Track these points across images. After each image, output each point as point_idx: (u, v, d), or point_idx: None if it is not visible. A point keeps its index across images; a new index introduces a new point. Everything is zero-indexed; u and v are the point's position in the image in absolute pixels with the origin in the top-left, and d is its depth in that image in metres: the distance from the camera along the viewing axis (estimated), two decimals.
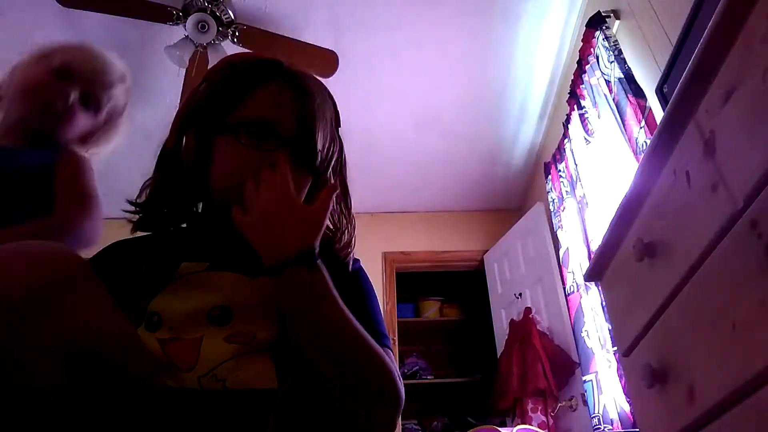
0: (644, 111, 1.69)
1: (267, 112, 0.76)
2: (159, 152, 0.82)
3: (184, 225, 0.85)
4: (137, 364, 0.59)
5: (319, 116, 0.78)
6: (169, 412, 0.59)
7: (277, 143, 0.75)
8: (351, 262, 0.82)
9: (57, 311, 0.49)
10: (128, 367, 0.57)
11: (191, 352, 0.65)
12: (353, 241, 0.84)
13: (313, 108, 0.78)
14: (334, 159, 0.83)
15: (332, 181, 0.84)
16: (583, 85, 2.20)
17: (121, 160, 3.14)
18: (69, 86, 1.20)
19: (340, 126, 0.88)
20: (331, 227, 0.83)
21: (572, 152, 2.43)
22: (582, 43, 2.16)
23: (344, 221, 0.85)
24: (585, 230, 2.29)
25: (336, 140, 0.85)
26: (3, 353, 0.46)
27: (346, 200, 0.87)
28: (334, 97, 0.88)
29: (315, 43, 2.33)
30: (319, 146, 0.78)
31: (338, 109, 0.88)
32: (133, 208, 0.80)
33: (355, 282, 0.82)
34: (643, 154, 0.83)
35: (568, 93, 2.41)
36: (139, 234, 0.83)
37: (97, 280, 0.56)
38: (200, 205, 0.85)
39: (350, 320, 0.65)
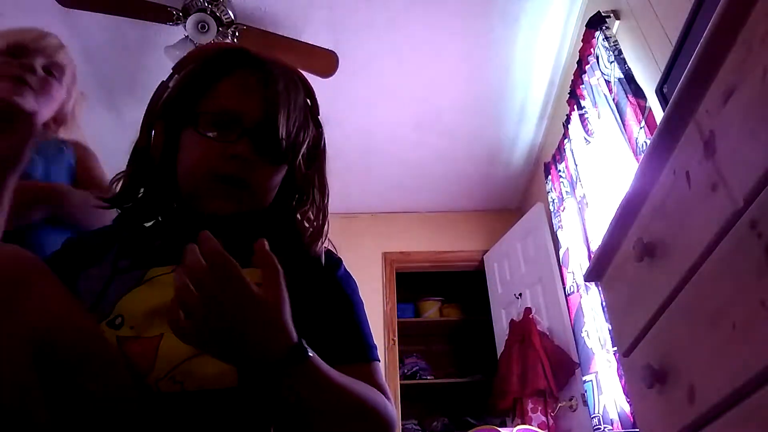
0: (644, 111, 1.69)
1: (230, 102, 0.74)
2: (131, 148, 0.81)
3: (158, 220, 0.82)
4: (99, 353, 0.58)
5: (283, 101, 0.75)
6: (128, 415, 0.58)
7: (239, 132, 0.73)
8: (322, 257, 0.79)
9: (16, 306, 0.50)
10: (90, 357, 0.56)
11: (149, 353, 0.63)
12: (324, 235, 0.80)
13: (276, 93, 0.74)
14: (304, 146, 0.79)
15: (303, 170, 0.80)
16: (583, 86, 2.20)
17: (122, 159, 3.15)
18: (30, 58, 1.13)
19: (318, 114, 0.84)
20: (312, 235, 0.79)
21: (572, 152, 2.43)
22: (582, 44, 2.16)
23: (316, 214, 0.81)
24: (585, 230, 2.29)
25: (309, 127, 0.80)
26: None
27: (323, 192, 0.83)
28: (333, 95, 0.87)
29: (315, 43, 2.33)
30: (283, 132, 0.74)
31: (316, 96, 0.84)
32: (105, 204, 0.80)
33: (340, 291, 0.78)
34: (643, 155, 0.83)
35: (568, 93, 2.41)
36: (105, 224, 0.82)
37: (53, 277, 0.56)
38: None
39: (350, 392, 0.62)
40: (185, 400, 0.61)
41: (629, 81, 1.78)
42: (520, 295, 3.02)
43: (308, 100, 0.82)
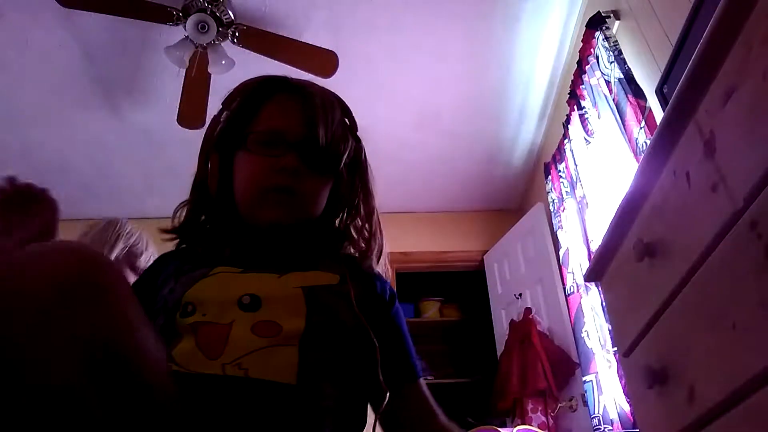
0: (644, 111, 1.69)
1: (274, 122, 0.83)
2: (192, 182, 0.88)
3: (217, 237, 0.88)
4: (158, 366, 0.58)
5: (320, 115, 0.82)
6: (190, 397, 0.60)
7: (284, 147, 0.80)
8: (382, 281, 0.87)
9: (83, 310, 0.48)
10: (149, 368, 0.56)
11: (221, 339, 0.67)
12: (378, 249, 0.89)
13: (314, 108, 0.82)
14: (345, 156, 0.86)
15: (347, 182, 0.88)
16: (583, 86, 2.20)
17: (122, 159, 3.15)
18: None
19: (356, 129, 0.92)
20: (362, 243, 0.88)
21: (572, 152, 2.43)
22: (582, 44, 2.16)
23: (362, 225, 0.89)
24: (585, 230, 2.29)
25: (348, 140, 0.88)
26: (27, 351, 0.45)
27: (367, 203, 0.91)
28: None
29: (315, 43, 2.33)
30: (323, 142, 0.81)
31: (353, 114, 0.92)
32: (170, 235, 0.86)
33: (397, 320, 0.85)
34: (643, 155, 0.83)
35: (568, 93, 2.41)
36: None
37: (123, 280, 0.56)
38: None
39: None
40: (247, 386, 0.64)
41: (629, 81, 1.78)
42: (520, 295, 3.02)
43: (345, 119, 0.91)
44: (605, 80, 1.96)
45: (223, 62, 2.30)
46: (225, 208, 0.85)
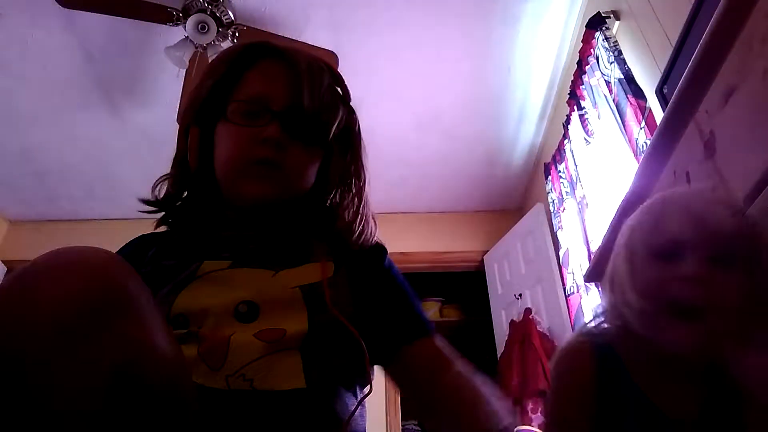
0: (644, 112, 1.68)
1: (256, 90, 0.77)
2: (173, 157, 0.83)
3: (202, 220, 0.84)
4: (183, 386, 0.55)
5: (306, 81, 0.76)
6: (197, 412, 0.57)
7: (268, 117, 0.75)
8: (375, 250, 0.83)
9: (109, 329, 0.44)
10: (174, 388, 0.52)
11: (220, 351, 0.63)
12: (362, 222, 0.82)
13: (299, 73, 0.77)
14: (334, 126, 0.80)
15: (339, 156, 0.83)
16: (583, 86, 2.20)
17: (122, 160, 3.15)
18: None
19: (349, 99, 0.87)
20: (352, 220, 0.81)
21: (572, 153, 2.43)
22: (582, 44, 2.16)
23: (355, 203, 0.82)
24: (585, 231, 2.29)
25: (338, 109, 0.82)
26: (43, 376, 0.40)
27: (359, 179, 0.84)
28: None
29: (315, 44, 2.33)
30: (309, 110, 0.76)
31: (345, 82, 0.86)
32: (149, 207, 0.81)
33: (394, 280, 0.83)
34: (643, 155, 0.83)
35: (568, 94, 2.41)
36: (160, 229, 0.84)
37: (147, 292, 0.51)
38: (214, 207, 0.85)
39: None
40: (255, 399, 0.61)
41: (629, 81, 1.78)
42: (520, 295, 3.02)
43: (337, 87, 0.84)
44: (605, 80, 1.96)
45: None
46: (206, 185, 0.80)
